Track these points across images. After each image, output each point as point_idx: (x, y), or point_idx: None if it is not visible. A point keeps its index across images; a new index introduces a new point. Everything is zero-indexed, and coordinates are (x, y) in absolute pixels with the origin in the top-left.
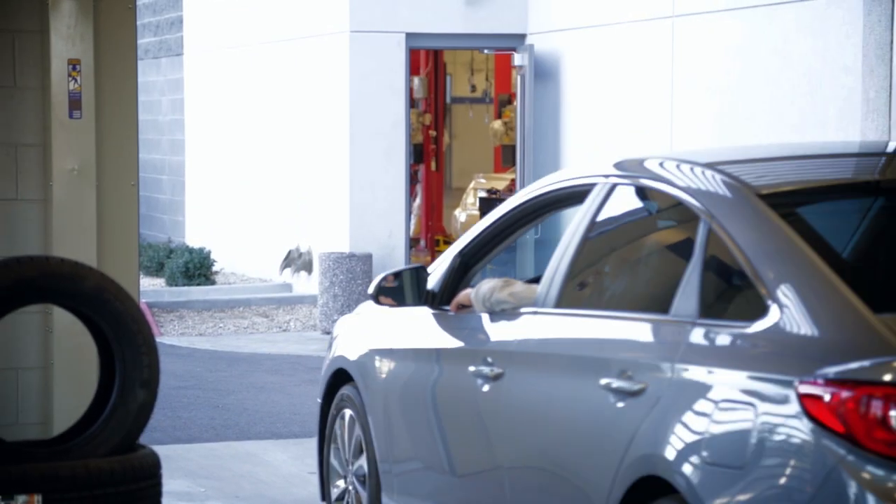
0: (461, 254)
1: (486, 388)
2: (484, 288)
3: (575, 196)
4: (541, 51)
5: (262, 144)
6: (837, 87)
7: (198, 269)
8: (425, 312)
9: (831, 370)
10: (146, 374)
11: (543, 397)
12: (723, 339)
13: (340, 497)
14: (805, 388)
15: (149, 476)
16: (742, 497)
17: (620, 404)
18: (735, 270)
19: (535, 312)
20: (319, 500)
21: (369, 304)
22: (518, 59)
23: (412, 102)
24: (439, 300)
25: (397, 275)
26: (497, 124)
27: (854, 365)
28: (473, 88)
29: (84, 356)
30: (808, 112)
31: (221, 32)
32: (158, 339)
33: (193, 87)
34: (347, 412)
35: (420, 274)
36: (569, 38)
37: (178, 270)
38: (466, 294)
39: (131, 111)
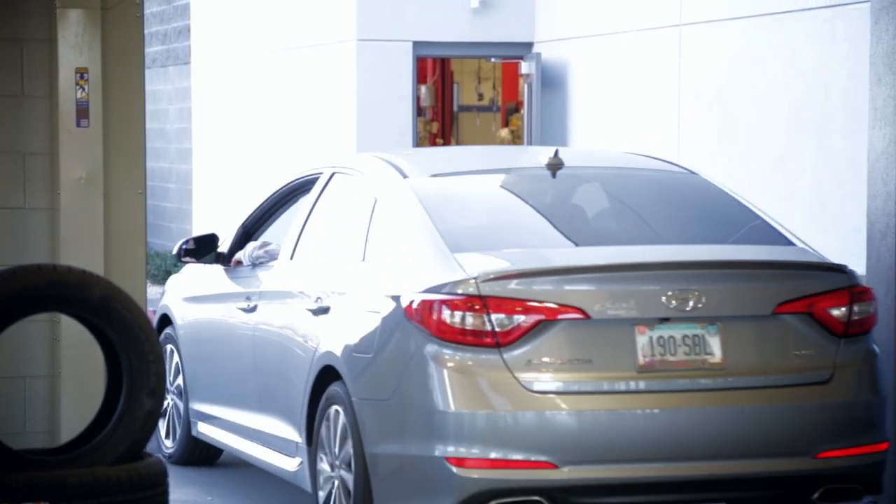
0: (243, 226)
1: (245, 317)
2: (249, 247)
3: (312, 182)
4: (548, 59)
5: (269, 153)
6: (844, 95)
7: None
8: (218, 268)
9: (418, 288)
10: (153, 383)
11: (277, 320)
12: (371, 272)
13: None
14: (404, 300)
15: (156, 484)
16: (370, 374)
17: (315, 319)
18: (386, 229)
19: (278, 263)
20: None
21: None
22: (525, 67)
23: (419, 111)
24: (227, 259)
25: (196, 240)
26: (504, 132)
27: (431, 284)
28: (481, 97)
29: (91, 365)
30: (815, 121)
31: (229, 41)
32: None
33: (201, 95)
34: (168, 347)
35: (214, 239)
36: (576, 47)
37: None
38: (240, 253)
39: (139, 120)
